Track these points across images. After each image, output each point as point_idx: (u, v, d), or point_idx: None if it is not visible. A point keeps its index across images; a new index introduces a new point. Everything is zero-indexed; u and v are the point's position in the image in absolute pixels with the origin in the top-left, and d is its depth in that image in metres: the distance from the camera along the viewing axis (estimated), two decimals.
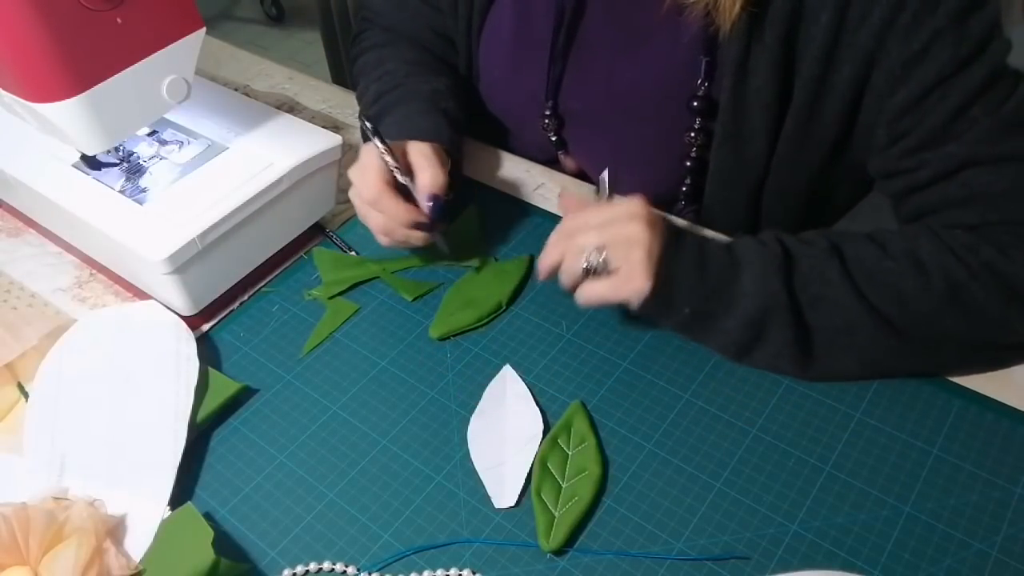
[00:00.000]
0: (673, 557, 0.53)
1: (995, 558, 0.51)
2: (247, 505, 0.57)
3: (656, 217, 0.61)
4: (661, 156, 0.76)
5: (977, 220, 0.60)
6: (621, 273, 0.59)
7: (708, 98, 0.70)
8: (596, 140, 0.80)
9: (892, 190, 0.66)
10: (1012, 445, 0.57)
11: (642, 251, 0.59)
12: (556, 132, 0.81)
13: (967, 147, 0.60)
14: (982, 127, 0.59)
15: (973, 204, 0.61)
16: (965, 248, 0.59)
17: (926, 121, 0.61)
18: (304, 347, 0.67)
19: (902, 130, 0.62)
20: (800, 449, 0.58)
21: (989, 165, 0.60)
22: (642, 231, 0.59)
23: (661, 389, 0.62)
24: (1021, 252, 0.58)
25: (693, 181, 0.76)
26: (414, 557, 0.54)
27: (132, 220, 0.65)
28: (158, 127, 0.75)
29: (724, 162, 0.71)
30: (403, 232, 0.67)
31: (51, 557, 0.51)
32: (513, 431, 0.60)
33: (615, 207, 0.62)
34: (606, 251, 0.59)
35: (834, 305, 0.58)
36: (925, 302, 0.58)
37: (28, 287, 0.73)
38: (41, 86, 0.59)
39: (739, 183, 0.73)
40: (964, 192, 0.61)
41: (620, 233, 0.60)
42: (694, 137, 0.72)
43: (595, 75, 0.76)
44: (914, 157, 0.62)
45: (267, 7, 2.93)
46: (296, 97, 0.95)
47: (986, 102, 0.59)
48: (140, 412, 0.61)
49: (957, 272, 0.58)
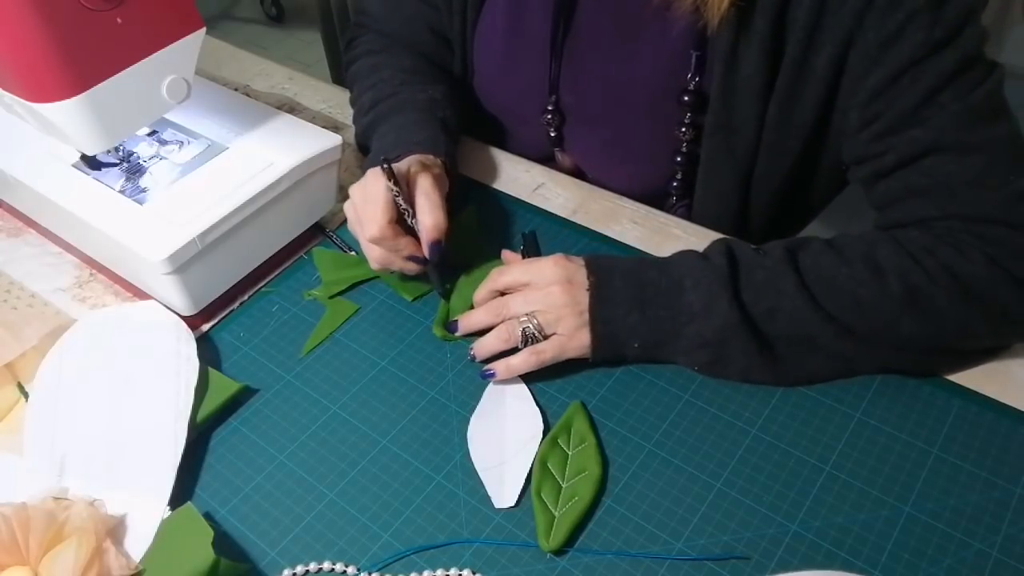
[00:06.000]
0: (673, 557, 0.53)
1: (995, 558, 0.51)
2: (247, 505, 0.57)
3: (574, 268, 0.62)
4: (653, 151, 0.77)
5: (937, 212, 0.60)
6: (561, 336, 0.61)
7: (698, 92, 0.70)
8: (589, 136, 0.81)
9: (861, 176, 0.66)
10: (1012, 445, 0.57)
11: (569, 311, 0.61)
12: (557, 128, 0.81)
13: (933, 133, 0.60)
14: (950, 113, 0.59)
15: (934, 194, 0.61)
16: (923, 251, 0.59)
17: (896, 104, 0.61)
18: (304, 347, 0.67)
19: (873, 113, 0.62)
20: (800, 449, 0.58)
21: (953, 153, 0.60)
22: (561, 294, 0.61)
23: (661, 389, 0.62)
24: (979, 252, 0.58)
25: (684, 176, 0.76)
26: (414, 557, 0.54)
27: (132, 220, 0.65)
28: (158, 127, 0.75)
29: (714, 154, 0.72)
30: (400, 263, 0.67)
31: (51, 557, 0.51)
32: (513, 431, 0.60)
33: (534, 268, 0.63)
34: (536, 316, 0.61)
35: (791, 316, 0.58)
36: (884, 307, 0.58)
37: (28, 287, 0.73)
38: (41, 86, 0.59)
39: (729, 175, 0.73)
40: (926, 181, 0.61)
41: (545, 300, 0.61)
42: (684, 131, 0.73)
43: (589, 69, 0.76)
44: (882, 141, 0.62)
45: (267, 7, 2.92)
46: (296, 97, 0.96)
47: (956, 88, 0.59)
48: (140, 412, 0.61)
49: (915, 275, 0.58)
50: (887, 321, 0.58)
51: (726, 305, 0.58)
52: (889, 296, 0.58)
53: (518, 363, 0.61)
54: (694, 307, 0.59)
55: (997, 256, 0.58)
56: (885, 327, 0.58)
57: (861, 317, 0.58)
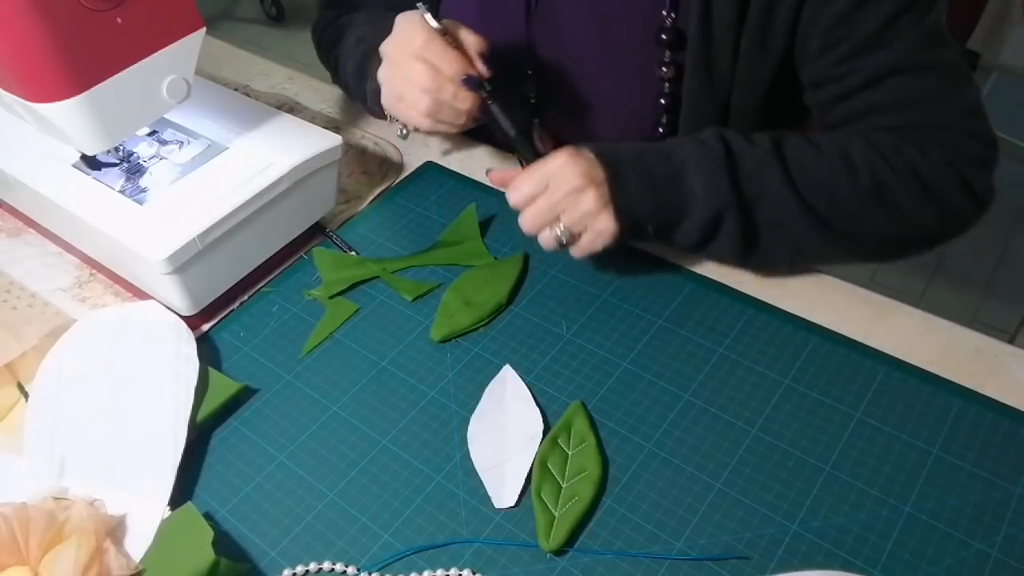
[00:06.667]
0: (673, 557, 0.53)
1: (995, 558, 0.51)
2: (247, 505, 0.57)
3: (589, 163, 0.63)
4: (636, 99, 0.77)
5: (900, 123, 0.66)
6: (590, 230, 0.63)
7: (675, 30, 0.72)
8: (572, 95, 0.80)
9: (820, 99, 0.70)
10: (1012, 445, 0.57)
11: (595, 205, 0.62)
12: (536, 94, 0.81)
13: (896, 55, 0.65)
14: (910, 37, 0.64)
15: (897, 109, 0.66)
16: (891, 149, 0.65)
17: (858, 30, 0.65)
18: (304, 347, 0.67)
19: (836, 38, 0.66)
20: (800, 449, 0.58)
21: (913, 73, 0.65)
22: (584, 188, 0.62)
23: (661, 389, 0.62)
24: (937, 154, 0.65)
25: (668, 120, 0.77)
26: (414, 557, 0.54)
27: (132, 220, 0.65)
28: (158, 127, 0.75)
29: (696, 93, 0.73)
30: (451, 90, 0.65)
31: (51, 557, 0.51)
32: (513, 431, 0.60)
33: (547, 167, 0.63)
34: (563, 220, 0.63)
35: (773, 202, 0.64)
36: (854, 200, 0.64)
37: (28, 287, 0.73)
38: (41, 86, 0.59)
39: (709, 113, 0.74)
40: (889, 98, 0.66)
41: (567, 199, 0.62)
42: (665, 71, 0.74)
43: (567, 24, 0.76)
44: (845, 64, 0.66)
45: (267, 7, 2.93)
46: (296, 97, 0.96)
47: (912, 14, 0.64)
48: (140, 412, 0.61)
49: (883, 172, 0.64)
50: (856, 213, 0.64)
51: (727, 188, 0.63)
52: (860, 190, 0.64)
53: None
54: (696, 190, 0.63)
55: (954, 160, 0.65)
56: (854, 218, 0.64)
57: (832, 208, 0.64)
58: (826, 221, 0.64)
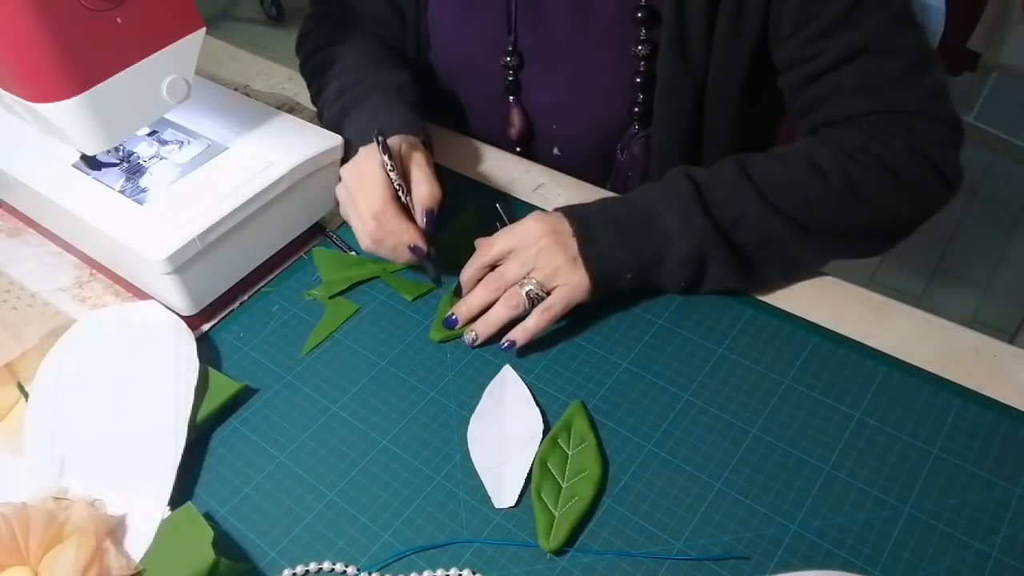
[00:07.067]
0: (673, 557, 0.53)
1: (995, 558, 0.51)
2: (247, 505, 0.57)
3: (554, 220, 0.65)
4: (612, 80, 0.78)
5: (864, 109, 0.68)
6: (564, 286, 0.63)
7: (650, 7, 0.73)
8: (550, 77, 0.81)
9: (792, 81, 0.71)
10: (1012, 445, 0.57)
11: (564, 259, 0.63)
12: (515, 72, 0.81)
13: (864, 35, 0.66)
14: (878, 18, 0.66)
15: (862, 93, 0.68)
16: (856, 147, 0.66)
17: (827, 8, 0.66)
18: (304, 347, 0.67)
19: (806, 17, 0.67)
20: (800, 449, 0.58)
21: (880, 55, 0.67)
22: (552, 246, 0.63)
23: (661, 389, 0.62)
24: (902, 142, 0.66)
25: (644, 100, 0.78)
26: (414, 557, 0.54)
27: (132, 220, 0.65)
28: (158, 127, 0.75)
29: (671, 71, 0.74)
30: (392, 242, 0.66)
31: (51, 557, 0.51)
32: (513, 431, 0.60)
33: (516, 232, 0.65)
34: (534, 276, 0.63)
35: (753, 221, 0.64)
36: (829, 202, 0.65)
37: (28, 287, 0.73)
38: (41, 86, 0.59)
39: (684, 95, 0.75)
40: (855, 81, 0.68)
41: (538, 258, 0.64)
42: (640, 48, 0.75)
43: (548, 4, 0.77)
44: (815, 44, 0.68)
45: (267, 7, 2.93)
46: (296, 97, 0.96)
47: None
48: (140, 412, 0.61)
49: (853, 171, 0.65)
50: (834, 214, 0.65)
51: (701, 218, 0.63)
52: (834, 192, 0.65)
53: (533, 324, 0.63)
54: (671, 228, 0.64)
55: (918, 144, 0.66)
56: (834, 220, 0.66)
57: (812, 214, 0.65)
58: (808, 228, 0.65)
